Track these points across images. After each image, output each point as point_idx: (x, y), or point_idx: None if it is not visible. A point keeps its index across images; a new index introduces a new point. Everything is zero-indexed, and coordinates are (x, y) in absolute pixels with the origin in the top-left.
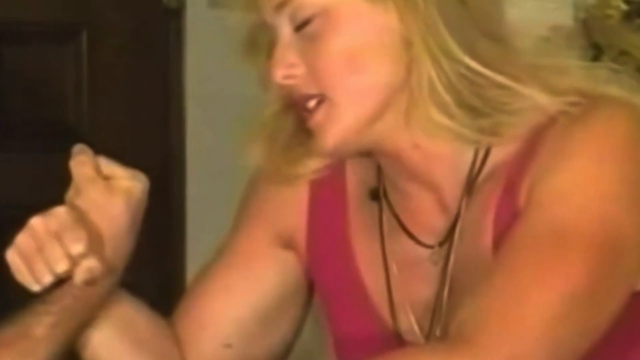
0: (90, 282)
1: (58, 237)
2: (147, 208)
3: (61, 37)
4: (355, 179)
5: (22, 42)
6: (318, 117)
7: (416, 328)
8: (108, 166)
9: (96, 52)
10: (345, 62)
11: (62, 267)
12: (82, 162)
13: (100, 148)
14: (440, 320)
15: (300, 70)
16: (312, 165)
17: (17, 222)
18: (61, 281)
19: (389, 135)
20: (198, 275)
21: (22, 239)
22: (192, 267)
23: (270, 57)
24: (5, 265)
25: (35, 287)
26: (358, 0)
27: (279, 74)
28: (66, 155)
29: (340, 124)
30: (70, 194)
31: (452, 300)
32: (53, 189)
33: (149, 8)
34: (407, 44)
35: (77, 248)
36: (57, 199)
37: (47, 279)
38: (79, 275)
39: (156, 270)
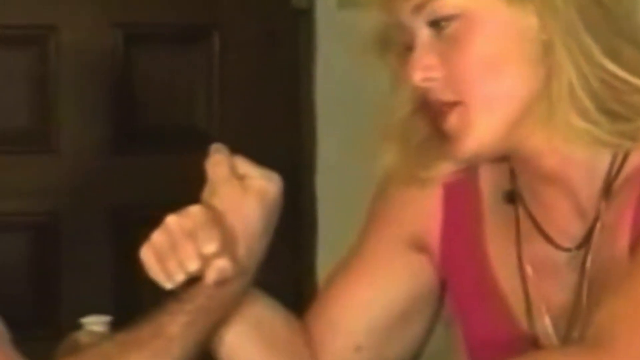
0: (221, 282)
1: (192, 235)
2: (280, 209)
3: (192, 39)
4: (489, 181)
5: (152, 44)
6: (452, 121)
7: (552, 330)
8: (243, 166)
9: (227, 53)
10: (483, 68)
11: (194, 266)
12: (218, 162)
13: (230, 149)
14: (578, 324)
15: (438, 73)
16: (446, 168)
17: (150, 222)
18: (194, 280)
19: (527, 140)
20: (329, 277)
21: (156, 236)
22: (323, 268)
23: (405, 58)
24: (140, 263)
25: (168, 285)
26: (497, 2)
27: (418, 76)
28: (197, 156)
29: (476, 131)
30: (205, 193)
31: (589, 304)
32: (184, 190)
33: (279, 9)
34: (547, 49)
35: (210, 247)
36: (189, 199)
37: (179, 277)
38: (211, 275)
39: (287, 271)
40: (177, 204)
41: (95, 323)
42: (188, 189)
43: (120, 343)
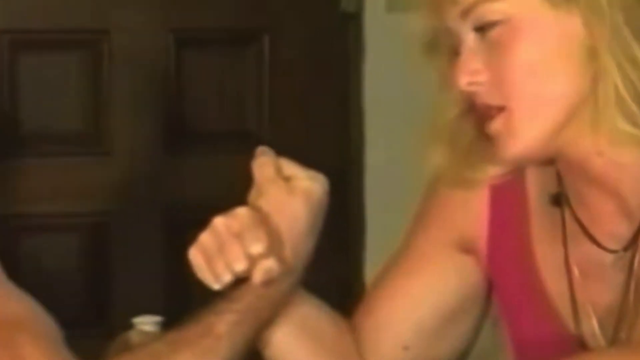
0: (268, 281)
1: (239, 236)
2: (326, 209)
3: (242, 43)
4: (536, 184)
5: (204, 48)
6: (498, 126)
7: (598, 332)
8: (289, 167)
9: (276, 56)
10: (527, 73)
11: (241, 266)
12: (264, 164)
13: (280, 151)
14: (625, 325)
15: (484, 77)
16: (493, 171)
17: (200, 223)
18: (241, 280)
19: (573, 143)
20: (377, 278)
21: (204, 237)
22: (370, 268)
23: (452, 61)
24: (189, 264)
25: (216, 286)
26: (542, 6)
27: (464, 80)
28: (247, 158)
29: (522, 136)
30: (252, 195)
31: (636, 305)
32: (235, 191)
33: (328, 12)
34: (592, 53)
35: (257, 248)
36: (239, 200)
37: (227, 278)
38: (257, 275)
39: (335, 271)
40: (227, 205)
41: (146, 323)
42: (238, 190)
43: (169, 342)
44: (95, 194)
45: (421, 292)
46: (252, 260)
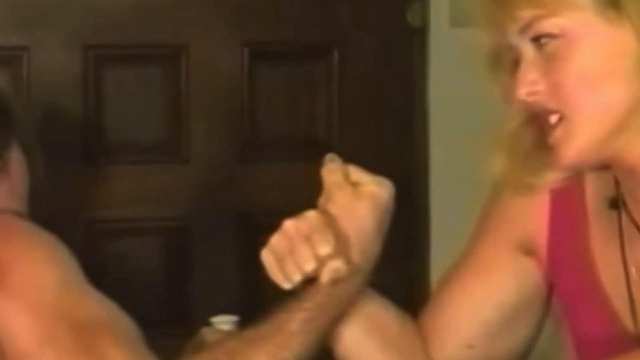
0: (336, 281)
1: (308, 238)
2: (393, 213)
3: (313, 56)
4: (594, 189)
5: (276, 61)
6: (557, 134)
7: None
8: (356, 173)
9: (345, 69)
10: (582, 82)
11: (310, 266)
12: (333, 170)
13: (347, 158)
14: None
15: (541, 87)
16: (552, 177)
17: (272, 227)
18: (310, 280)
19: (627, 149)
20: (443, 279)
21: (275, 239)
22: (436, 270)
23: (512, 74)
24: (261, 265)
25: (286, 285)
26: (596, 21)
27: (523, 91)
28: (316, 165)
29: (577, 141)
30: (321, 200)
31: None
32: (305, 196)
33: (395, 27)
34: None
35: (325, 249)
36: (308, 205)
37: (297, 278)
38: (326, 275)
39: (402, 273)
40: (297, 210)
41: (223, 322)
42: (308, 195)
43: (245, 340)
44: (174, 199)
45: (485, 292)
46: (321, 261)
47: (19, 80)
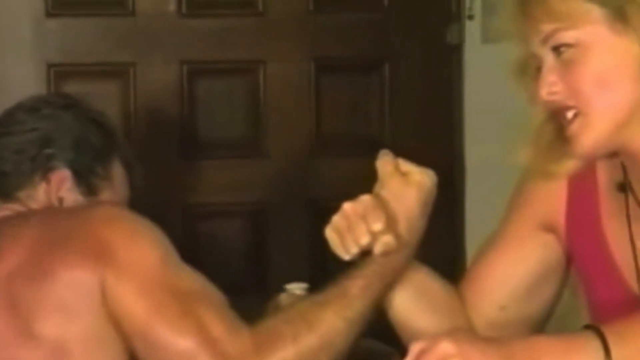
0: (386, 253)
1: (363, 217)
2: (435, 198)
3: (368, 69)
4: (605, 175)
5: (338, 73)
6: (574, 128)
7: None
8: (405, 165)
9: (395, 79)
10: (595, 84)
11: (365, 240)
12: (386, 162)
13: (398, 152)
14: None
15: (560, 88)
16: (570, 164)
17: (337, 210)
18: (366, 253)
19: (633, 139)
20: (478, 253)
21: (336, 218)
22: (471, 248)
23: (537, 79)
24: (326, 241)
25: (346, 257)
26: (606, 34)
27: (544, 92)
28: (372, 159)
29: (591, 134)
30: (376, 187)
31: None
32: (362, 184)
33: (436, 44)
34: None
35: (377, 226)
36: (366, 191)
37: (354, 250)
38: (378, 247)
39: (443, 249)
40: (356, 196)
41: (296, 288)
42: (365, 184)
43: (314, 302)
44: (255, 188)
45: (514, 263)
46: (374, 236)
47: (127, 90)
